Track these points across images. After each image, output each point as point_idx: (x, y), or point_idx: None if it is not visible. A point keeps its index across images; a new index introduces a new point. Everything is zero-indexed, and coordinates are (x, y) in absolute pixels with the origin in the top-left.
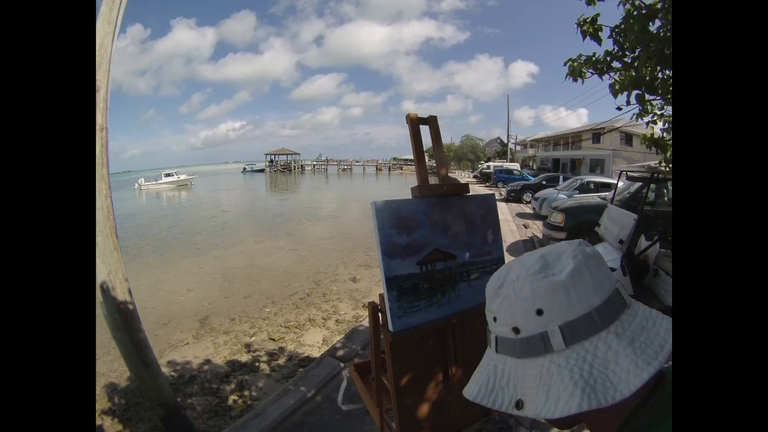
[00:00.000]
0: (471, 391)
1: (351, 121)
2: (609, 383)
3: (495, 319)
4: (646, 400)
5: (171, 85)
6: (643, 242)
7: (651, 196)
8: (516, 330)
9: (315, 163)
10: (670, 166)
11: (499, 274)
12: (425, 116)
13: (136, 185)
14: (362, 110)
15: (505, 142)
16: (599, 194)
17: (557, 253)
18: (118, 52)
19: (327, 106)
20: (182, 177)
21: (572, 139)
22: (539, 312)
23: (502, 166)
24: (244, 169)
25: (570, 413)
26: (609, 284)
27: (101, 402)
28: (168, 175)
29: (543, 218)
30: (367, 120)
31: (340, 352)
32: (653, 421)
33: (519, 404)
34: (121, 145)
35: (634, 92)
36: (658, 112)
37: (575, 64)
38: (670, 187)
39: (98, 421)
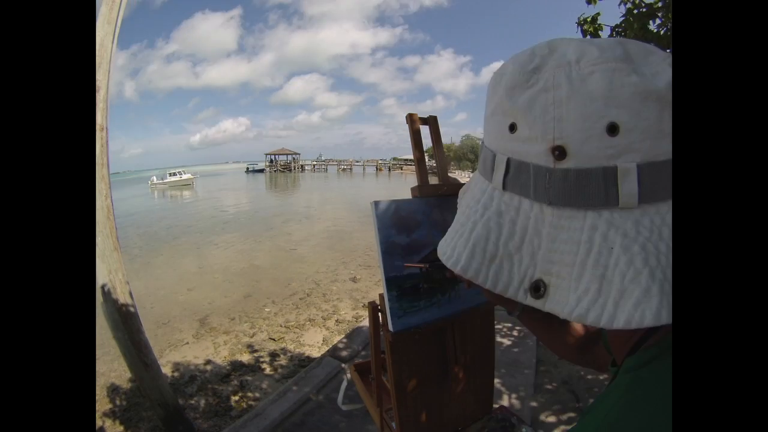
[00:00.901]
0: (457, 255)
1: (342, 120)
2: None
3: (513, 127)
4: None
5: (165, 94)
6: None
7: None
8: (561, 151)
9: (315, 163)
10: None
11: (533, 50)
12: (425, 116)
13: (149, 182)
14: (349, 109)
15: None
16: None
17: (643, 48)
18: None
19: (319, 109)
20: (185, 177)
21: None
22: (612, 129)
23: None
24: (248, 168)
25: (643, 324)
26: None
27: (101, 402)
28: (172, 174)
29: None
30: (356, 119)
31: (340, 352)
32: (667, 346)
33: (539, 287)
34: (120, 144)
35: None
36: None
37: None
38: None
39: (98, 422)
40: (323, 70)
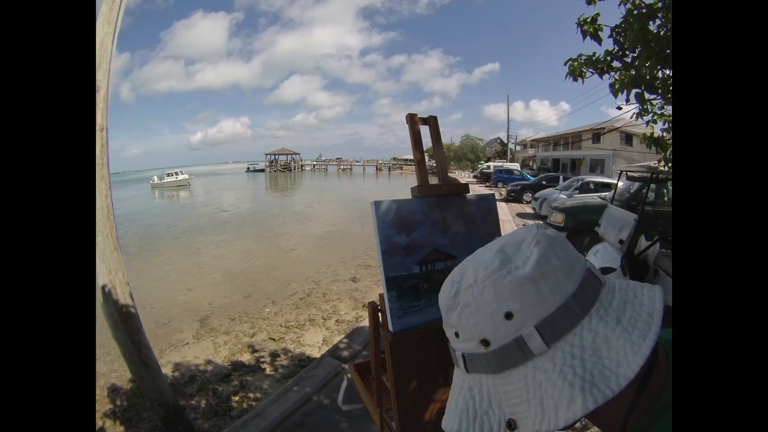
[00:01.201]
0: (451, 424)
1: (341, 120)
2: (608, 371)
3: (457, 335)
4: (645, 381)
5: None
6: (643, 242)
7: (651, 196)
8: (485, 342)
9: (315, 162)
10: (670, 165)
11: (452, 279)
12: (425, 116)
13: (151, 182)
14: (345, 109)
15: (505, 142)
16: (599, 194)
17: (516, 242)
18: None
19: (316, 108)
20: (180, 177)
21: (572, 139)
22: (508, 315)
23: (502, 166)
24: (248, 168)
25: (576, 418)
26: (579, 265)
27: (101, 402)
28: (169, 175)
29: (543, 218)
30: (352, 119)
31: (340, 352)
32: (663, 407)
33: (511, 425)
34: (121, 144)
35: (634, 91)
36: (658, 112)
37: (575, 63)
38: (670, 187)
39: (99, 422)
40: (319, 71)
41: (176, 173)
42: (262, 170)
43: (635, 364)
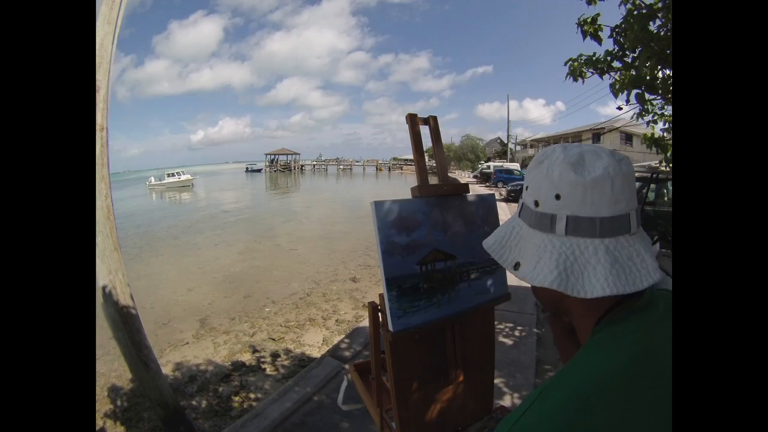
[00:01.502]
0: (488, 241)
1: (335, 120)
2: (580, 281)
3: (527, 188)
4: (624, 299)
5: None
6: None
7: (651, 196)
8: (536, 203)
9: (315, 163)
10: (670, 165)
11: (547, 150)
12: (425, 116)
13: (147, 183)
14: (343, 108)
15: (505, 142)
16: None
17: (596, 156)
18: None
19: (312, 109)
20: (183, 177)
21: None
22: (557, 196)
23: (502, 166)
24: (247, 168)
25: (542, 285)
26: (624, 205)
27: (102, 402)
28: (170, 175)
29: None
30: (349, 119)
31: (340, 352)
32: (630, 313)
33: (517, 265)
34: (121, 144)
35: (634, 91)
36: (659, 112)
37: (576, 64)
38: (670, 187)
39: (99, 422)
40: (313, 72)
41: (178, 173)
42: (260, 170)
43: (596, 292)
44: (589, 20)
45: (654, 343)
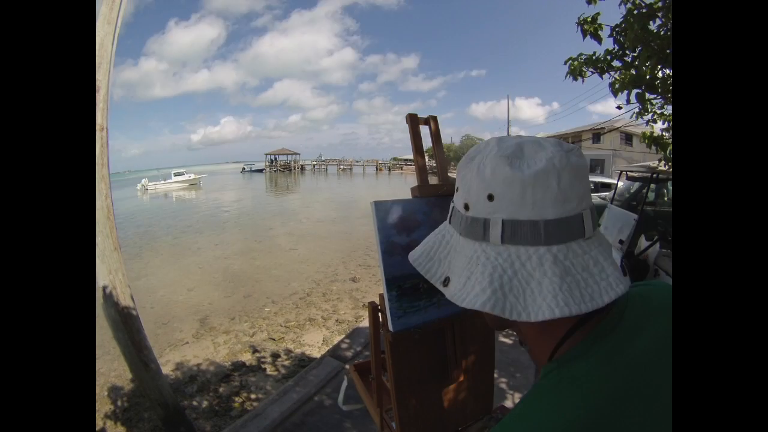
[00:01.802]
0: (414, 253)
1: (332, 120)
2: (521, 301)
3: (457, 189)
4: (583, 322)
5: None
6: (643, 242)
7: (651, 196)
8: (466, 207)
9: (315, 163)
10: (670, 164)
11: (480, 145)
12: (425, 116)
13: (139, 185)
14: (338, 109)
15: None
16: (599, 194)
17: (538, 146)
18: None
19: (308, 110)
20: (191, 176)
21: (572, 139)
22: (490, 197)
23: None
24: (243, 169)
25: (473, 307)
26: (575, 205)
27: (102, 402)
28: (178, 174)
29: None
30: (345, 119)
31: (340, 352)
32: (591, 344)
33: (446, 281)
34: (120, 144)
35: (634, 91)
36: (658, 111)
37: (575, 63)
38: (670, 187)
39: (99, 422)
40: (305, 75)
41: (185, 172)
42: (261, 170)
43: (540, 315)
44: (589, 19)
45: (627, 381)
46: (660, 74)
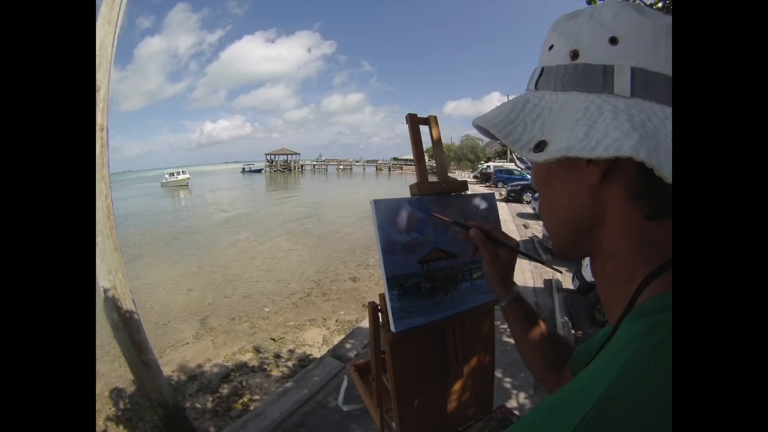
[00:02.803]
0: (486, 116)
1: (329, 120)
2: (669, 158)
3: (551, 48)
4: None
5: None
6: None
7: None
8: (575, 54)
9: (315, 162)
10: None
11: (577, 10)
12: (425, 116)
13: (164, 180)
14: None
15: None
16: None
17: (660, 13)
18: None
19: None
20: (180, 177)
21: None
22: (614, 40)
23: (501, 166)
24: (243, 169)
25: (619, 153)
26: None
27: (102, 402)
28: (171, 174)
29: None
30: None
31: (340, 352)
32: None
33: (540, 145)
34: (119, 144)
35: None
36: None
37: None
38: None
39: (99, 422)
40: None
41: (176, 173)
42: (260, 170)
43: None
44: None
45: None
46: None
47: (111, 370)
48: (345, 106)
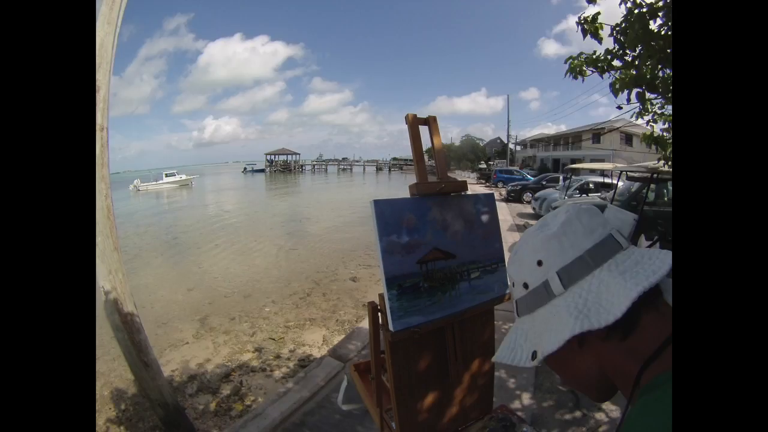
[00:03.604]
0: (496, 355)
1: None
2: (602, 309)
3: (513, 284)
4: (666, 345)
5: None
6: (643, 242)
7: (651, 196)
8: (525, 285)
9: (315, 162)
10: (670, 164)
11: (516, 244)
12: (424, 117)
13: (131, 186)
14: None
15: (505, 142)
16: (599, 194)
17: (556, 213)
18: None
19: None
20: (182, 177)
21: (572, 139)
22: (539, 263)
23: (500, 166)
24: (245, 169)
25: (564, 339)
26: (601, 231)
27: (101, 402)
28: (168, 175)
29: None
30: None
31: (340, 352)
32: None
33: (534, 355)
34: (118, 144)
35: (635, 90)
36: (659, 111)
37: (575, 62)
38: (670, 187)
39: (99, 422)
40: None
41: (176, 173)
42: (261, 170)
43: (623, 305)
44: (589, 19)
45: None
46: (660, 74)
47: (111, 370)
48: (329, 106)
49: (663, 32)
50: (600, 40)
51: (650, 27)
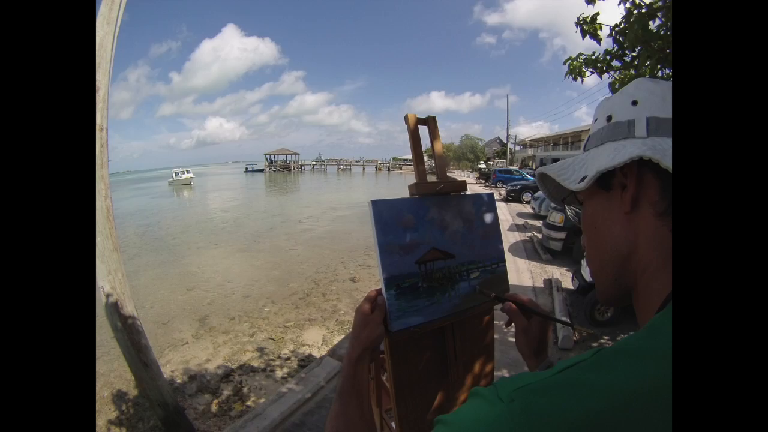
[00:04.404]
0: (547, 167)
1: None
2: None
3: (596, 121)
4: None
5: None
6: None
7: None
8: (609, 118)
9: (314, 162)
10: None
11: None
12: (424, 117)
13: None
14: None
15: (505, 142)
16: None
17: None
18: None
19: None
20: (184, 176)
21: (571, 139)
22: (634, 102)
23: (502, 167)
24: (246, 169)
25: (627, 156)
26: None
27: (101, 403)
28: (176, 174)
29: (542, 218)
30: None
31: (340, 352)
32: None
33: (583, 179)
34: (117, 144)
35: None
36: None
37: (575, 63)
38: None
39: (98, 422)
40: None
41: (180, 172)
42: (261, 170)
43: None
44: (588, 19)
45: None
46: (660, 74)
47: (111, 371)
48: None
49: (662, 32)
50: (599, 41)
51: (649, 27)
